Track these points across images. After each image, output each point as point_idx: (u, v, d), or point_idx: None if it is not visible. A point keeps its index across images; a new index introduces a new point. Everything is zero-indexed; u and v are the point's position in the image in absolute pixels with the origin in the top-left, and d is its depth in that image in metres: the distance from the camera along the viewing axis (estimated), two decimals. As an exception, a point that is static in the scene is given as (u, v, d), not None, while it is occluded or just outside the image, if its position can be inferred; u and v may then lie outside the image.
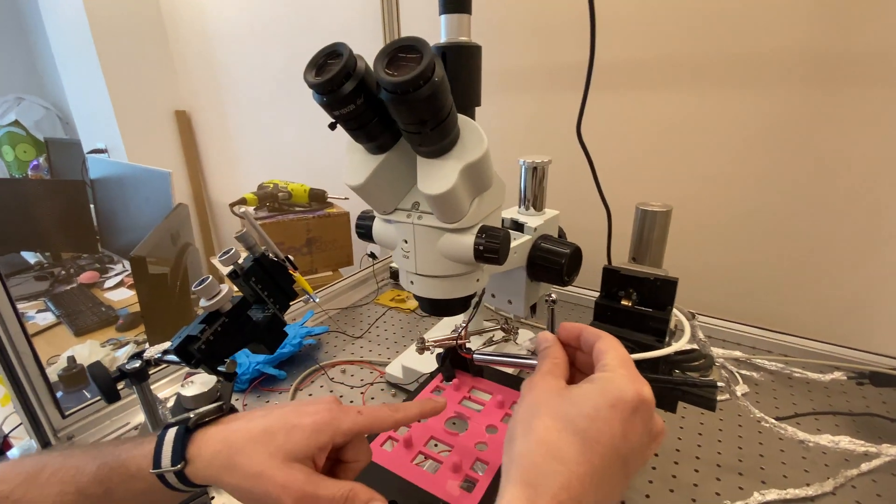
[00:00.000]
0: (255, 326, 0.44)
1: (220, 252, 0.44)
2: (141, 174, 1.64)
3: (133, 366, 0.47)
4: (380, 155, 0.36)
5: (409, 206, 0.40)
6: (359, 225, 0.44)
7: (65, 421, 0.71)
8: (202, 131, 2.22)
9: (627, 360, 0.29)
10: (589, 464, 0.25)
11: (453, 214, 0.37)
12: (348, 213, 1.34)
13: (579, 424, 0.26)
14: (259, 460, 0.30)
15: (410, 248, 0.40)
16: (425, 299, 0.44)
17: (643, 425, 0.26)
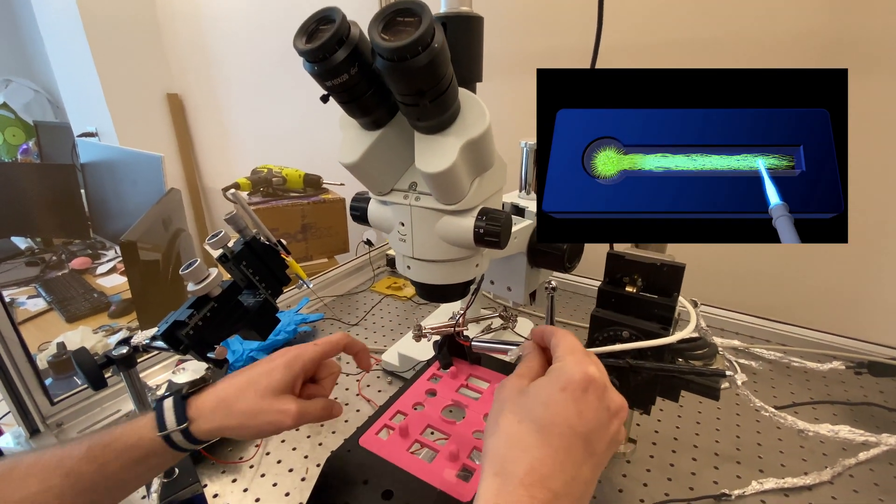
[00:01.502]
0: (245, 312, 0.42)
1: (210, 235, 0.42)
2: (132, 158, 1.61)
3: (120, 352, 0.45)
4: (375, 131, 0.34)
5: (406, 187, 0.38)
6: (353, 207, 0.42)
7: (54, 408, 0.69)
8: (195, 115, 2.17)
9: (575, 347, 0.31)
10: (549, 446, 0.27)
11: (453, 195, 0.36)
12: (344, 200, 1.32)
13: (536, 412, 0.28)
14: (254, 401, 0.37)
15: (407, 231, 0.39)
16: (422, 285, 0.43)
17: (597, 401, 0.28)
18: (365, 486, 0.41)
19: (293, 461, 0.62)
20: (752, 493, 0.56)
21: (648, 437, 0.65)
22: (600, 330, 0.39)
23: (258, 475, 0.60)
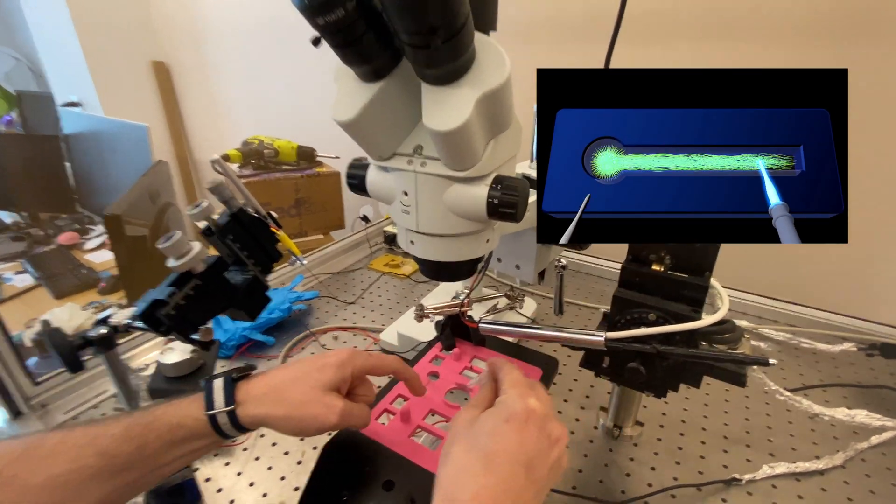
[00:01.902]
0: (233, 290, 0.39)
1: (191, 205, 0.38)
2: (116, 129, 1.54)
3: (98, 332, 0.42)
4: (375, 83, 0.30)
5: (410, 151, 0.33)
6: (350, 175, 0.38)
7: (37, 388, 0.66)
8: (182, 84, 2.08)
9: (519, 381, 0.35)
10: (493, 474, 0.29)
11: (464, 159, 0.31)
12: (339, 173, 1.26)
13: (482, 442, 0.30)
14: (303, 391, 0.37)
15: (411, 202, 0.34)
16: (427, 262, 0.39)
17: (538, 431, 0.31)
18: (364, 475, 0.38)
19: (289, 444, 0.60)
20: (763, 477, 0.54)
21: (656, 419, 0.63)
22: (623, 312, 0.36)
23: (252, 458, 0.58)
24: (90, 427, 0.34)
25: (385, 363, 0.41)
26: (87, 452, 0.33)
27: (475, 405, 0.35)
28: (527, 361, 0.52)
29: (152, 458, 0.34)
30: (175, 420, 0.35)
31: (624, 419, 0.59)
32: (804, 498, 0.53)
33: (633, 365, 0.35)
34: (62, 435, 0.34)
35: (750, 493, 0.53)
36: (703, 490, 0.53)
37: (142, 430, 0.34)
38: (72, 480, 0.32)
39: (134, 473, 0.34)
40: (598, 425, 0.62)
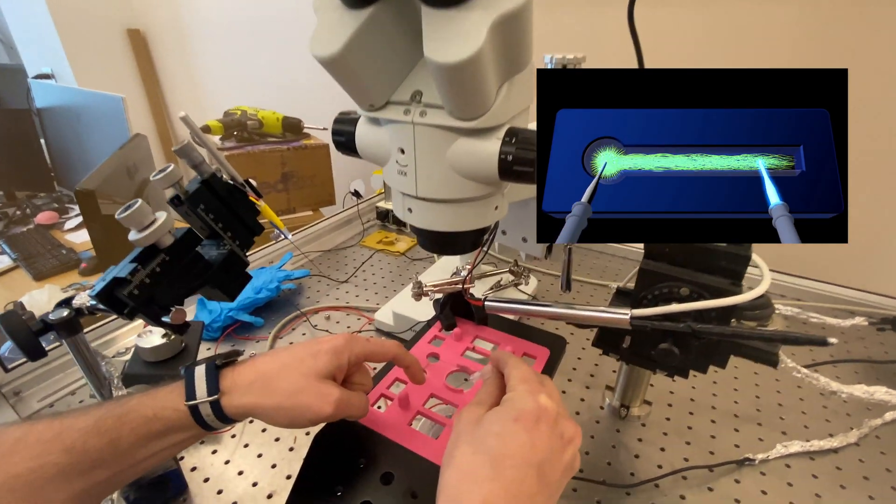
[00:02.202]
0: (206, 267, 0.34)
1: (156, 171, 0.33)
2: (90, 101, 1.45)
3: (59, 315, 0.37)
4: (363, 9, 0.24)
5: (407, 98, 0.28)
6: (337, 131, 0.33)
7: (8, 375, 0.62)
8: (160, 53, 1.97)
9: (528, 377, 0.32)
10: (502, 479, 0.26)
11: (473, 104, 0.26)
12: (328, 146, 1.20)
13: (489, 443, 0.28)
14: (295, 380, 0.33)
15: (409, 161, 0.29)
16: (427, 233, 0.34)
17: (550, 431, 0.29)
18: (360, 467, 0.35)
19: (279, 430, 0.56)
20: (776, 456, 0.52)
21: (663, 398, 0.61)
22: (650, 287, 0.33)
23: (241, 445, 0.54)
24: (56, 420, 0.31)
25: (384, 349, 0.38)
26: (53, 448, 0.29)
27: (480, 402, 0.32)
28: (532, 341, 0.48)
29: (127, 453, 0.31)
30: (151, 412, 0.32)
31: (631, 399, 0.56)
32: (819, 477, 0.51)
33: (666, 346, 0.31)
34: (24, 429, 0.30)
35: (763, 473, 0.51)
36: (715, 471, 0.51)
37: (114, 422, 0.31)
38: (35, 480, 0.28)
39: (106, 471, 0.31)
40: (604, 405, 0.60)
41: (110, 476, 0.31)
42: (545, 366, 0.45)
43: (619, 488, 0.49)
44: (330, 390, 0.33)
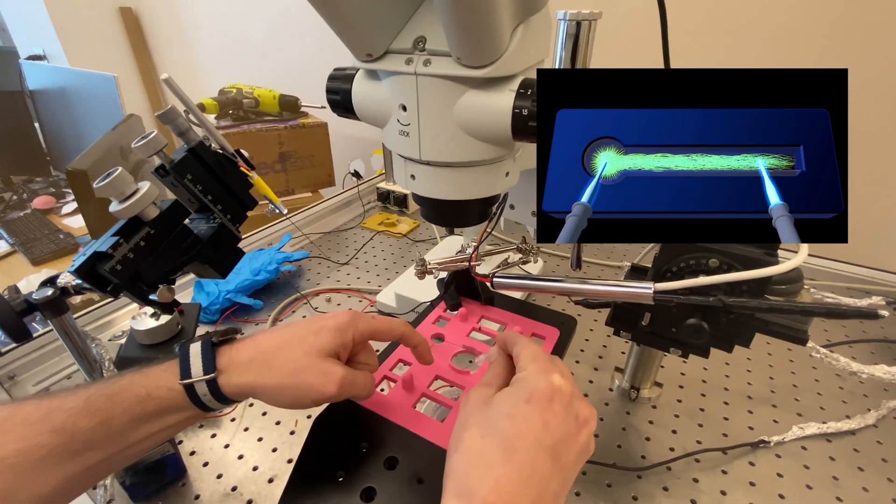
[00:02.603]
0: (195, 241, 0.32)
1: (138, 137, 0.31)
2: (83, 80, 1.41)
3: (44, 295, 0.35)
4: None
5: (409, 45, 0.25)
6: (331, 88, 0.30)
7: (2, 359, 0.61)
8: (153, 31, 1.92)
9: (539, 356, 0.30)
10: (514, 462, 0.25)
11: (485, 44, 0.23)
12: (326, 125, 1.16)
13: (499, 426, 0.27)
14: (298, 357, 0.32)
15: (412, 119, 0.26)
16: (431, 202, 0.32)
17: (564, 412, 0.27)
18: (363, 452, 0.33)
19: (280, 413, 0.55)
20: (792, 438, 0.51)
21: (674, 379, 0.59)
22: (672, 259, 0.30)
23: (241, 429, 0.53)
24: (44, 400, 0.29)
25: (391, 326, 0.36)
26: (41, 429, 0.28)
27: (487, 384, 0.30)
28: (540, 321, 0.46)
29: (120, 434, 0.29)
30: (145, 391, 0.30)
31: (642, 380, 0.55)
32: (836, 460, 0.49)
33: (694, 321, 0.29)
34: (10, 410, 0.28)
35: (779, 456, 0.49)
36: (729, 453, 0.50)
37: (105, 402, 0.29)
38: (21, 463, 0.27)
39: (98, 454, 0.29)
40: (614, 387, 0.58)
41: (102, 459, 0.30)
42: (555, 346, 0.43)
43: (630, 471, 0.48)
44: (334, 369, 0.32)
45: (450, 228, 0.42)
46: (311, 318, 0.35)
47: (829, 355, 0.49)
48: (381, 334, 0.36)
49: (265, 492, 0.46)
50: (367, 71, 0.29)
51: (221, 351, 0.32)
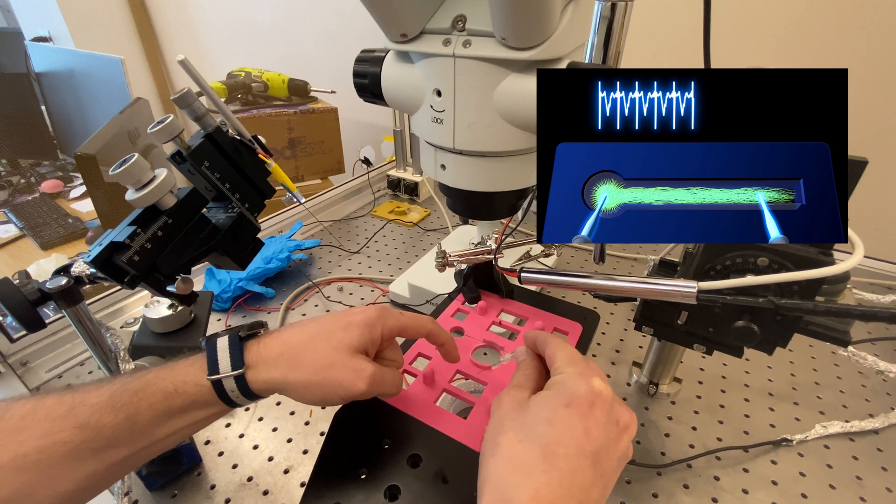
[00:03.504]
0: (214, 231, 0.31)
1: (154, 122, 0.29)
2: (89, 63, 1.39)
3: (57, 284, 0.35)
4: None
5: (447, 25, 0.23)
6: (358, 72, 0.28)
7: (14, 346, 0.60)
8: (159, 13, 1.89)
9: (576, 358, 0.29)
10: (554, 469, 0.24)
11: (536, 24, 0.21)
12: (336, 110, 1.14)
13: (539, 431, 0.26)
14: (326, 353, 0.31)
15: (447, 105, 0.25)
16: (462, 193, 0.30)
17: (605, 417, 0.26)
18: (385, 449, 0.32)
19: (294, 403, 0.54)
20: (815, 437, 0.50)
21: (693, 375, 0.58)
22: (716, 258, 0.29)
23: (255, 419, 0.53)
24: (67, 395, 0.28)
25: (419, 324, 0.35)
26: (64, 425, 0.27)
27: (519, 385, 0.30)
28: (561, 314, 0.45)
29: (145, 430, 0.29)
30: (171, 386, 0.30)
31: (661, 375, 0.54)
32: (860, 459, 0.48)
33: (744, 324, 0.28)
34: (32, 404, 0.28)
35: (801, 455, 0.49)
36: (751, 452, 0.49)
37: (131, 397, 0.29)
38: (44, 459, 0.26)
39: (123, 450, 0.29)
40: (631, 382, 0.57)
41: (126, 456, 0.29)
42: (578, 341, 0.42)
43: (649, 468, 0.47)
44: (363, 365, 0.31)
45: (463, 219, 0.40)
46: (339, 312, 0.34)
47: (857, 353, 0.48)
48: (408, 331, 0.35)
49: (280, 482, 0.46)
50: (399, 53, 0.27)
51: (249, 346, 0.31)
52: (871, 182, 0.78)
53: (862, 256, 0.26)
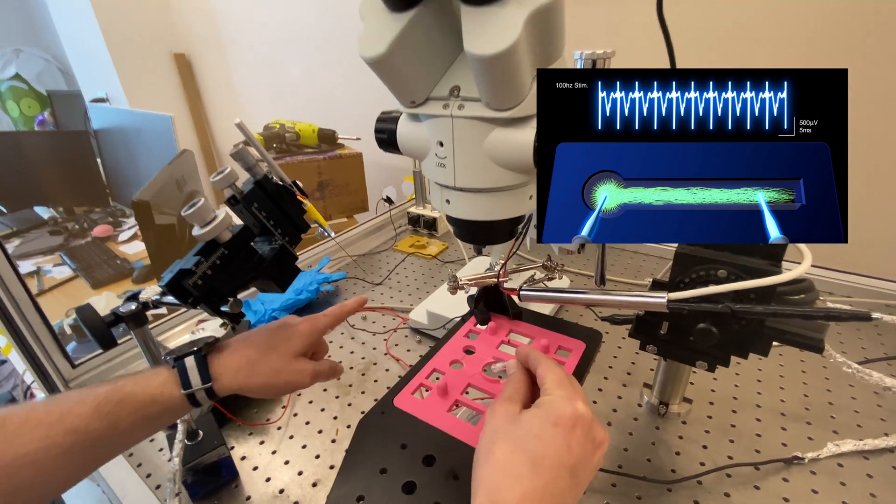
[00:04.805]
0: (260, 260, 0.37)
1: (215, 172, 0.36)
2: (142, 120, 1.56)
3: (128, 308, 0.41)
4: (406, 12, 0.27)
5: (445, 93, 0.30)
6: (379, 129, 0.35)
7: (75, 371, 0.67)
8: (203, 74, 2.09)
9: (563, 382, 0.33)
10: (539, 478, 0.28)
11: (509, 94, 0.28)
12: (361, 154, 1.24)
13: (528, 445, 0.30)
14: (276, 361, 0.41)
15: (447, 153, 0.31)
16: (463, 223, 0.36)
17: (584, 436, 0.30)
18: (403, 450, 0.36)
19: (322, 422, 0.59)
20: (827, 455, 0.50)
21: (704, 396, 0.60)
22: (686, 271, 0.33)
23: (286, 437, 0.57)
24: (54, 405, 0.34)
25: (339, 316, 0.47)
26: (57, 431, 0.33)
27: (510, 398, 0.34)
28: (567, 335, 0.49)
29: (125, 432, 0.35)
30: (148, 398, 0.36)
31: (671, 395, 0.56)
32: (874, 476, 0.48)
33: (704, 326, 0.31)
34: (24, 414, 0.33)
35: (814, 472, 0.49)
36: (762, 469, 0.50)
37: (113, 407, 0.35)
38: (41, 459, 0.32)
39: (105, 449, 0.35)
40: (643, 403, 0.59)
41: (107, 453, 0.36)
42: (581, 358, 0.45)
43: (660, 484, 0.48)
44: (305, 367, 0.41)
45: (478, 249, 0.46)
46: (280, 324, 0.44)
47: (861, 370, 0.49)
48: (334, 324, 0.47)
49: (309, 494, 0.50)
50: (410, 115, 0.34)
51: (211, 360, 0.38)
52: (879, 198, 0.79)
53: (809, 266, 0.30)
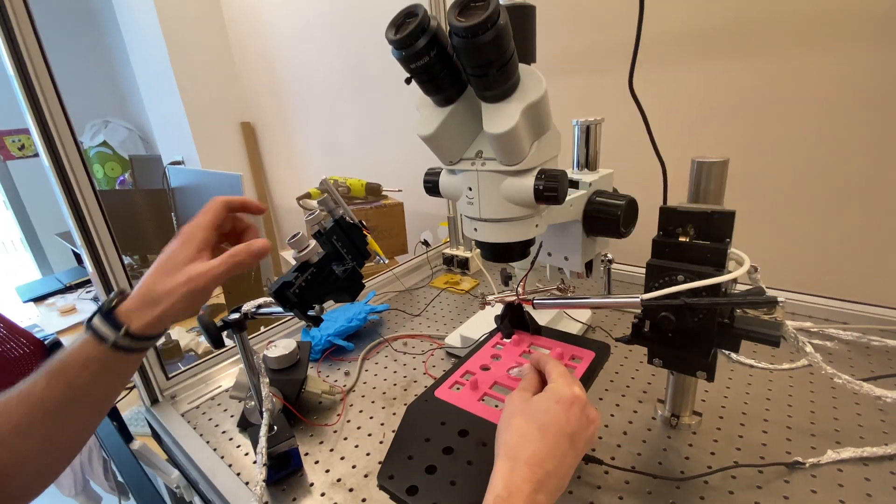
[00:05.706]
0: (337, 278, 0.49)
1: (308, 213, 0.50)
2: (214, 179, 1.80)
3: (233, 317, 0.54)
4: (447, 107, 0.41)
5: (473, 155, 0.44)
6: (427, 181, 0.49)
7: (168, 382, 0.81)
8: (265, 139, 2.40)
9: (565, 373, 0.43)
10: (545, 440, 0.37)
11: (515, 155, 0.41)
12: (402, 204, 1.41)
13: (538, 416, 0.39)
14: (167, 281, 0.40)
15: (475, 195, 0.44)
16: (488, 244, 0.48)
17: (580, 411, 0.40)
18: (442, 426, 0.46)
19: (371, 427, 0.68)
20: (827, 461, 0.55)
21: (714, 410, 0.65)
22: (656, 278, 0.42)
23: (341, 438, 0.67)
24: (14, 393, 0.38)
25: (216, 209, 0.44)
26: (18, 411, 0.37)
27: (525, 389, 0.43)
28: (579, 346, 0.58)
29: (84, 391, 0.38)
30: (82, 359, 0.38)
31: (681, 408, 0.62)
32: (871, 481, 0.52)
33: (664, 314, 0.41)
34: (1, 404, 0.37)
35: (814, 476, 0.54)
36: (765, 472, 0.55)
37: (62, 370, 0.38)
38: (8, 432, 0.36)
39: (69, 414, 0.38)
40: (656, 416, 0.65)
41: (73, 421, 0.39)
42: (590, 365, 0.54)
43: (669, 481, 0.54)
44: (194, 272, 0.40)
45: (504, 280, 0.59)
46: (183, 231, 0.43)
47: (851, 381, 0.55)
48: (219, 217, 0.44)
49: (362, 483, 0.59)
50: (448, 170, 0.48)
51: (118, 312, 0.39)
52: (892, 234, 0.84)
53: (746, 270, 0.38)
